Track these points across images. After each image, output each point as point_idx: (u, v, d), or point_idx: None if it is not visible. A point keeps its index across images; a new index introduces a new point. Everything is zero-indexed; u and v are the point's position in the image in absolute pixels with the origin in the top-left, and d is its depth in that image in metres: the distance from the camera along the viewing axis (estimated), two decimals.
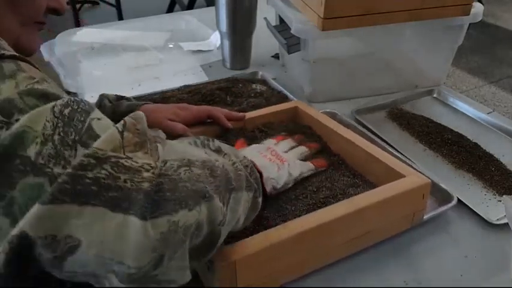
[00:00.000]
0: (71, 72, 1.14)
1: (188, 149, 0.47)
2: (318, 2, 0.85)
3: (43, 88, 0.40)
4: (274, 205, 0.65)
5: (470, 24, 1.00)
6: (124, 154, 0.38)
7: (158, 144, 0.42)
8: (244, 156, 0.56)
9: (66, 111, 0.39)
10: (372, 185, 0.70)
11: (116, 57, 1.25)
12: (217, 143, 0.54)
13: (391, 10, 0.89)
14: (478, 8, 0.97)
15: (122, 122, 0.40)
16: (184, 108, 0.77)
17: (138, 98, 0.81)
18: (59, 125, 0.38)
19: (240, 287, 0.54)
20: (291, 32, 0.94)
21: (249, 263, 0.53)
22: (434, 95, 1.06)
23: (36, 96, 0.39)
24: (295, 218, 0.59)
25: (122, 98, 0.79)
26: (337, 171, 0.74)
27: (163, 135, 0.48)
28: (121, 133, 0.39)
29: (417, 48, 1.05)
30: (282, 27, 1.05)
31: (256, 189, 0.54)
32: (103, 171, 0.37)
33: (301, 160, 0.73)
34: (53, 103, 0.39)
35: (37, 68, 0.44)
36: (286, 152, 0.73)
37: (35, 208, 0.35)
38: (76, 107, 0.40)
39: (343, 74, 1.04)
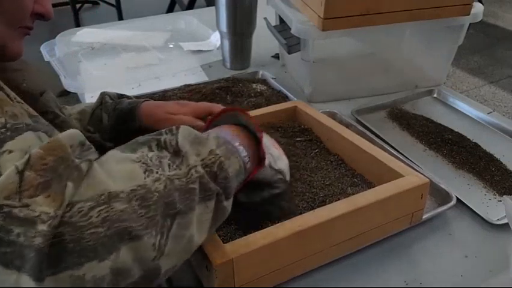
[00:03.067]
0: (71, 72, 1.14)
1: (120, 173, 0.41)
2: (318, 2, 0.85)
3: None
4: (274, 204, 0.65)
5: (470, 24, 1.00)
6: (20, 201, 0.34)
7: (68, 183, 0.37)
8: (211, 151, 0.47)
9: None
10: (372, 185, 0.70)
11: (116, 57, 1.25)
12: (180, 139, 0.46)
13: (391, 10, 0.89)
14: (478, 8, 0.97)
15: (26, 156, 0.36)
16: (184, 105, 0.77)
17: (139, 97, 0.82)
18: None
19: (237, 286, 0.54)
20: (291, 32, 0.94)
21: (247, 261, 0.53)
22: (434, 95, 1.06)
23: None
24: (294, 216, 0.59)
25: (123, 96, 0.80)
26: (336, 170, 0.74)
27: (94, 155, 0.41)
28: (21, 173, 0.35)
29: (417, 48, 1.05)
30: (282, 27, 1.05)
31: (220, 193, 0.47)
32: None
33: None
34: None
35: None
36: None
37: None
38: None
39: (343, 74, 1.04)
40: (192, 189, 0.44)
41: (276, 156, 0.61)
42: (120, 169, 0.41)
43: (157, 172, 0.42)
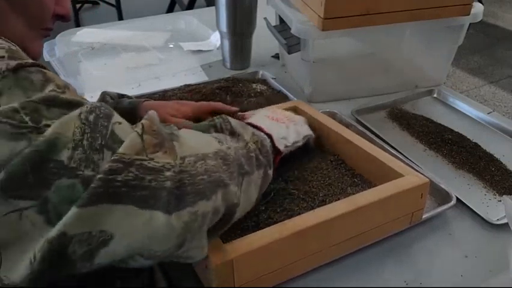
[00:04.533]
0: (71, 72, 1.14)
1: (201, 142, 0.52)
2: (318, 2, 0.85)
3: (65, 97, 0.43)
4: (274, 203, 0.65)
5: (470, 24, 1.00)
6: (147, 156, 0.42)
7: (174, 143, 0.46)
8: (253, 133, 0.60)
9: (91, 117, 0.42)
10: (371, 185, 0.70)
11: (116, 57, 1.25)
12: (232, 123, 0.59)
13: (391, 10, 0.89)
14: (478, 8, 0.97)
15: (140, 125, 0.44)
16: (184, 104, 0.78)
17: (139, 97, 0.82)
18: (87, 130, 0.41)
19: (237, 286, 0.54)
20: (291, 32, 0.94)
21: (247, 261, 0.53)
22: (434, 95, 1.06)
23: (63, 105, 0.42)
24: (294, 216, 0.59)
25: (123, 96, 0.80)
26: (336, 170, 0.74)
27: (175, 129, 0.51)
28: (141, 136, 0.43)
29: (417, 48, 1.05)
30: (282, 27, 1.05)
31: (266, 164, 0.59)
32: (130, 174, 0.41)
33: None
34: (78, 110, 0.42)
35: (57, 75, 0.47)
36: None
37: (73, 210, 0.38)
38: (99, 113, 0.43)
39: (343, 74, 1.04)
40: (251, 157, 0.56)
41: (285, 133, 0.68)
42: (199, 137, 0.54)
43: (226, 143, 0.54)
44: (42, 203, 0.39)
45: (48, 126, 0.40)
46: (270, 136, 0.64)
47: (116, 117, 0.45)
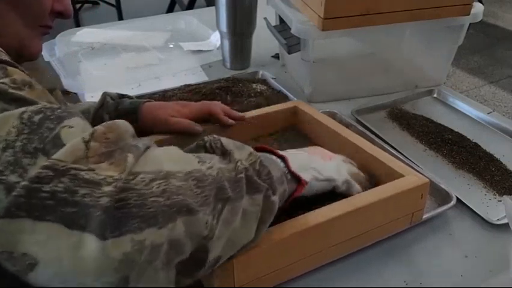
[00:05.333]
0: (71, 72, 1.14)
1: (175, 159, 0.43)
2: (318, 2, 0.85)
3: (16, 93, 0.39)
4: None
5: (470, 24, 1.00)
6: (87, 166, 0.36)
7: (128, 155, 0.39)
8: (251, 153, 0.50)
9: (36, 117, 0.38)
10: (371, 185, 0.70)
11: (116, 57, 1.25)
12: (223, 141, 0.51)
13: (391, 10, 0.89)
14: (478, 8, 0.97)
15: (91, 130, 0.39)
16: (185, 105, 0.78)
17: (139, 97, 0.82)
18: (25, 131, 0.37)
19: (237, 286, 0.54)
20: (291, 32, 0.94)
21: (247, 262, 0.53)
22: (434, 95, 1.06)
23: (7, 100, 0.38)
24: (294, 216, 0.59)
25: (124, 96, 0.80)
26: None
27: (146, 143, 0.44)
28: (87, 143, 0.37)
29: (417, 48, 1.05)
30: (282, 27, 1.05)
31: (268, 188, 0.49)
32: (61, 185, 0.35)
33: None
34: (23, 109, 0.38)
35: (27, 74, 0.43)
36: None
37: None
38: (50, 114, 0.39)
39: (343, 74, 1.04)
40: (240, 179, 0.46)
41: (320, 167, 0.59)
42: (177, 154, 0.44)
43: (209, 163, 0.45)
44: None
45: None
46: (283, 159, 0.55)
47: (71, 121, 0.39)
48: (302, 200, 0.58)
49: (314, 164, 0.59)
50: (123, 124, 0.42)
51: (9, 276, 0.36)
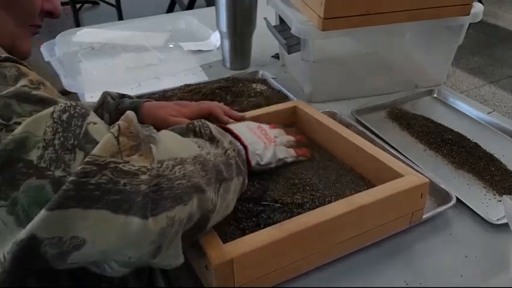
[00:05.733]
0: (71, 72, 1.14)
1: (180, 145, 0.50)
2: (318, 2, 0.85)
3: (39, 94, 0.42)
4: (274, 203, 0.65)
5: (470, 24, 1.00)
6: (122, 159, 0.41)
7: (152, 146, 0.45)
8: (231, 141, 0.59)
9: (64, 116, 0.41)
10: (372, 185, 0.70)
11: (116, 57, 1.25)
12: (212, 129, 0.58)
13: (391, 10, 0.89)
14: (478, 8, 0.97)
15: (116, 126, 0.43)
16: (185, 105, 0.78)
17: (139, 97, 0.82)
18: (59, 130, 0.40)
19: (237, 286, 0.54)
20: (291, 32, 0.94)
21: (247, 261, 0.53)
22: (434, 95, 1.06)
23: (33, 102, 0.41)
24: (294, 216, 0.59)
25: (124, 96, 0.80)
26: (336, 170, 0.74)
27: (154, 131, 0.50)
28: (117, 138, 0.42)
29: (417, 48, 1.05)
30: (282, 27, 1.05)
31: (245, 172, 0.59)
32: (104, 177, 0.39)
33: (287, 147, 0.75)
34: (51, 109, 0.41)
35: (33, 71, 0.46)
36: (276, 137, 0.75)
37: (43, 213, 0.37)
38: (73, 112, 0.42)
39: (343, 74, 1.04)
40: (231, 163, 0.55)
41: (261, 151, 0.68)
42: (179, 141, 0.52)
43: (206, 148, 0.53)
44: (12, 203, 0.38)
45: (19, 124, 0.39)
46: (245, 148, 0.64)
47: (92, 117, 0.44)
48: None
49: (258, 151, 0.67)
50: (133, 116, 0.46)
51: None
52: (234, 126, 0.67)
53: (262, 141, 0.69)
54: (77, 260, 0.40)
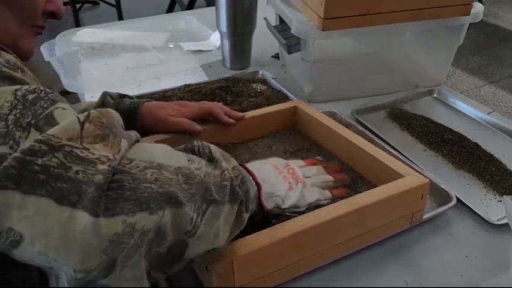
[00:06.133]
0: (71, 72, 1.14)
1: (163, 153, 0.44)
2: (318, 2, 0.85)
3: (10, 72, 0.40)
4: None
5: (470, 24, 1.00)
6: (81, 144, 0.36)
7: (122, 140, 0.40)
8: (235, 166, 0.52)
9: (30, 96, 0.38)
10: (372, 185, 0.70)
11: (116, 57, 1.25)
12: (212, 148, 0.52)
13: (391, 10, 0.89)
14: (478, 8, 0.97)
15: (86, 113, 0.39)
16: (185, 105, 0.78)
17: (139, 97, 0.82)
18: (18, 107, 0.37)
19: (237, 287, 0.54)
20: (291, 32, 0.94)
21: (247, 261, 0.53)
22: (434, 95, 1.06)
23: (1, 78, 0.39)
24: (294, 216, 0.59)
25: (124, 96, 0.80)
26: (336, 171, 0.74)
27: (136, 136, 0.45)
28: (82, 123, 0.38)
29: (418, 48, 1.05)
30: (282, 27, 1.05)
31: (243, 202, 0.50)
32: (54, 160, 0.35)
33: (323, 188, 0.65)
34: (18, 86, 0.38)
35: (20, 63, 0.44)
36: (308, 177, 0.65)
37: None
38: (43, 95, 0.39)
39: (343, 74, 1.04)
40: (225, 185, 0.48)
41: (283, 195, 0.58)
42: (166, 149, 0.46)
43: (198, 164, 0.46)
44: None
45: None
46: (258, 186, 0.56)
47: (64, 105, 0.40)
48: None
49: (280, 192, 0.58)
50: (115, 113, 0.43)
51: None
52: (254, 163, 0.59)
53: (288, 181, 0.60)
54: (22, 259, 0.36)
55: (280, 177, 0.60)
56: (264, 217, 0.58)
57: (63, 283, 0.36)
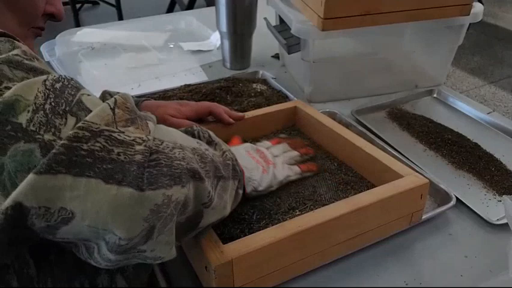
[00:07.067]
0: (71, 72, 1.14)
1: (179, 135, 0.49)
2: (318, 2, 0.85)
3: (31, 63, 0.41)
4: (274, 203, 0.65)
5: (470, 24, 1.00)
6: (117, 128, 0.40)
7: (148, 122, 0.44)
8: (230, 150, 0.58)
9: (57, 85, 0.40)
10: (371, 185, 0.70)
11: (116, 57, 1.25)
12: (210, 133, 0.57)
13: (391, 10, 0.89)
14: (478, 8, 0.97)
15: (112, 99, 0.42)
16: (185, 105, 0.78)
17: (139, 97, 0.82)
18: (51, 96, 0.39)
19: (237, 287, 0.54)
20: (291, 32, 0.94)
21: (246, 262, 0.53)
22: (434, 95, 1.06)
23: (25, 69, 0.40)
24: (294, 217, 0.59)
25: None
26: (336, 171, 0.74)
27: (154, 117, 0.48)
28: (113, 109, 0.41)
29: (417, 48, 1.05)
30: (282, 27, 1.05)
31: (240, 179, 0.57)
32: (97, 144, 0.38)
33: (291, 164, 0.72)
34: (44, 76, 0.40)
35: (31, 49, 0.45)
36: (276, 156, 0.72)
37: (30, 177, 0.35)
38: (67, 83, 0.41)
39: (343, 74, 1.04)
40: (228, 164, 0.54)
41: (258, 177, 0.65)
42: (181, 133, 0.50)
43: (204, 146, 0.52)
44: None
45: (9, 88, 0.38)
46: (242, 173, 0.60)
47: (86, 91, 0.43)
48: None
49: (255, 177, 0.64)
50: (129, 96, 0.45)
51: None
52: (233, 150, 0.64)
53: (261, 165, 0.66)
54: (66, 235, 0.39)
55: (254, 162, 0.66)
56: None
57: (102, 251, 0.40)
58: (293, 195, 0.67)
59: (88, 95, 0.42)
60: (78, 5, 3.38)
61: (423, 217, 0.67)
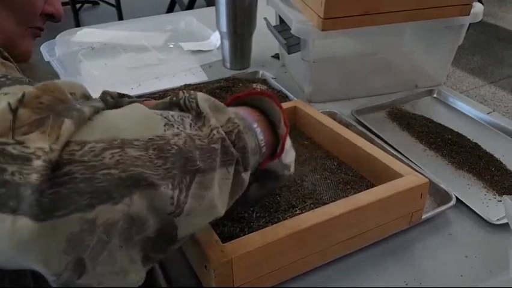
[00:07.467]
0: (71, 72, 1.14)
1: (132, 124, 0.37)
2: (318, 2, 0.85)
3: None
4: (274, 203, 0.65)
5: (470, 24, 1.00)
6: (13, 139, 0.31)
7: (65, 120, 0.33)
8: (230, 119, 0.45)
9: None
10: (371, 185, 0.70)
11: (116, 57, 1.25)
12: (199, 101, 0.43)
13: (391, 10, 0.89)
14: (478, 8, 0.97)
15: (20, 94, 0.32)
16: None
17: (139, 97, 0.82)
18: None
19: (236, 286, 0.54)
20: (291, 32, 0.94)
21: (246, 261, 0.53)
22: (434, 95, 1.06)
23: None
24: (293, 216, 0.59)
25: (123, 95, 0.80)
26: (336, 170, 0.74)
27: (101, 104, 0.39)
28: (14, 111, 0.32)
29: (417, 48, 1.05)
30: (282, 27, 1.05)
31: (240, 161, 0.45)
32: None
33: None
34: None
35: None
36: None
37: None
38: None
39: (343, 74, 1.04)
40: (214, 149, 0.41)
41: (287, 149, 0.55)
42: (138, 115, 0.38)
43: (177, 128, 0.39)
44: None
45: None
46: (278, 134, 0.51)
47: (11, 89, 0.34)
48: None
49: (287, 145, 0.54)
50: (67, 84, 0.37)
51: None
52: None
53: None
54: None
55: None
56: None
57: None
58: (293, 193, 0.67)
59: (6, 93, 0.33)
60: (78, 5, 3.38)
61: (423, 217, 0.67)
